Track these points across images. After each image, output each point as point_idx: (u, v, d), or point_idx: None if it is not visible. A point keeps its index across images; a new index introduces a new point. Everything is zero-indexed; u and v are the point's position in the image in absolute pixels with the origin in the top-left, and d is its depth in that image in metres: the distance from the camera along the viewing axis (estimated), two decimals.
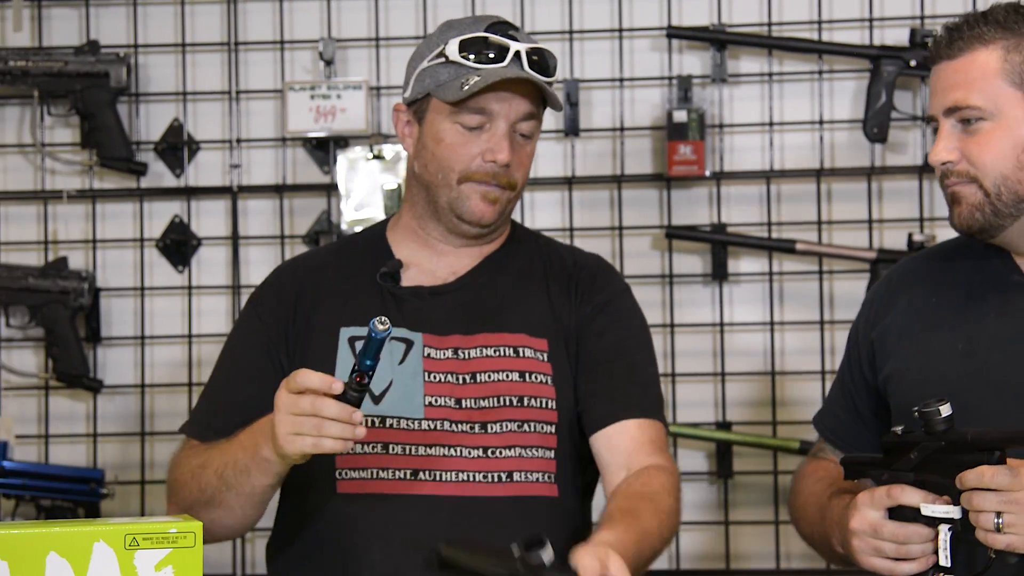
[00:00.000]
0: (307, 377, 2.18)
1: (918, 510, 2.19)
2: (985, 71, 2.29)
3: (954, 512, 2.16)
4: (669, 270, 3.66)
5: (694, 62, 3.68)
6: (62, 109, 3.73)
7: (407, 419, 2.45)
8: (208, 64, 3.77)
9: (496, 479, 2.42)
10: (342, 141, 3.69)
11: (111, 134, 3.68)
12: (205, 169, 3.76)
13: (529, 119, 2.51)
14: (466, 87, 2.44)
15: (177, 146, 3.75)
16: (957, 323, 2.37)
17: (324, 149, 3.71)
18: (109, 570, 1.91)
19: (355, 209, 3.62)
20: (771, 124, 3.65)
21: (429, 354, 2.48)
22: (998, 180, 2.29)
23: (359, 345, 2.46)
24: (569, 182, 3.68)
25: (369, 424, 2.41)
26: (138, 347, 3.73)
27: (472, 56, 2.48)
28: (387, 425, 2.44)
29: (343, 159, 3.65)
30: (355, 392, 2.18)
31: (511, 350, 2.51)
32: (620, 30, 3.68)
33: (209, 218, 3.75)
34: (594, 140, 3.70)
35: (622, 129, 3.68)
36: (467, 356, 2.49)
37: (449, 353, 2.49)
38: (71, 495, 3.59)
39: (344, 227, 3.62)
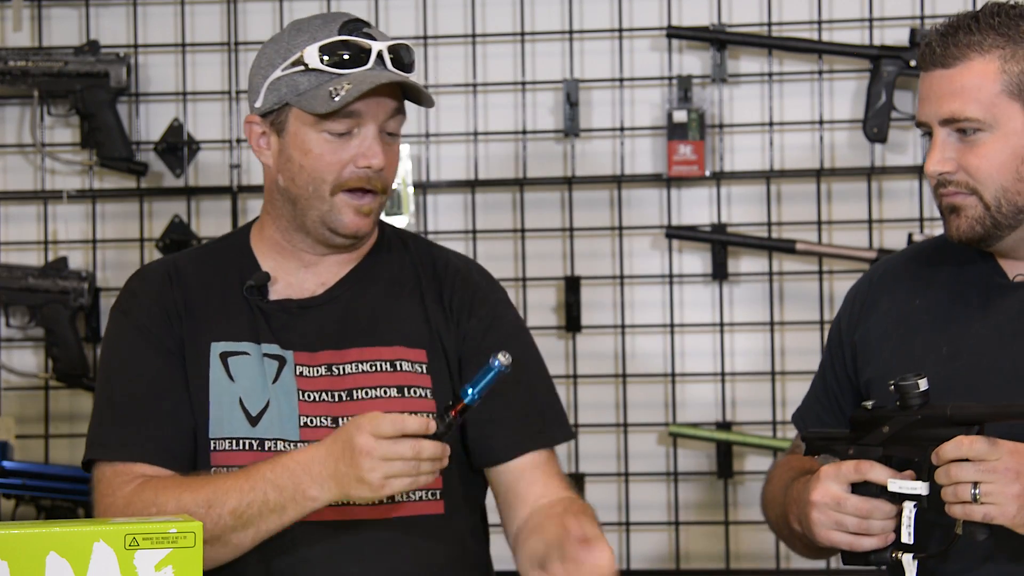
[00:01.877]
0: (405, 422, 2.15)
1: (883, 486, 2.19)
2: (983, 82, 2.26)
3: (921, 488, 2.16)
4: (669, 270, 3.66)
5: (694, 62, 3.68)
6: (62, 109, 3.73)
7: (284, 441, 2.35)
8: (208, 64, 3.77)
9: (378, 501, 2.30)
10: None
11: (111, 134, 3.68)
12: (205, 169, 3.77)
13: (396, 116, 2.40)
14: (337, 96, 2.33)
15: (177, 146, 3.75)
16: (940, 325, 2.37)
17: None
18: (109, 570, 1.91)
19: None
20: (771, 124, 3.65)
21: (301, 372, 2.39)
22: (998, 192, 2.27)
23: (232, 361, 2.40)
24: (569, 182, 3.68)
25: (247, 447, 2.36)
26: None
27: (334, 62, 2.35)
28: (265, 448, 2.35)
29: None
30: (447, 427, 2.19)
31: (387, 364, 2.41)
32: (620, 30, 3.68)
33: (209, 218, 3.75)
34: (594, 140, 3.70)
35: (622, 129, 3.68)
36: (341, 372, 2.40)
37: (323, 370, 2.40)
38: (71, 495, 3.58)
39: None
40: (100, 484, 2.37)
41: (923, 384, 2.18)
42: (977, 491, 2.08)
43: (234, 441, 2.36)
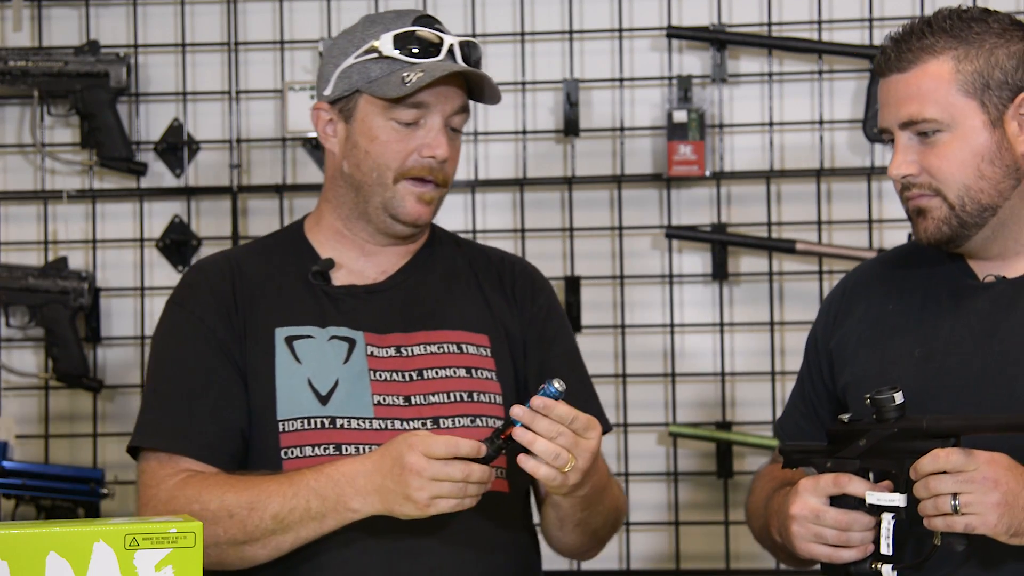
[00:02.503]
0: (459, 445, 2.20)
1: (861, 498, 2.20)
2: (938, 82, 2.29)
3: (899, 500, 2.17)
4: (669, 270, 3.66)
5: (694, 62, 3.68)
6: (62, 109, 3.74)
7: (357, 419, 2.41)
8: (208, 64, 3.77)
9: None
10: None
11: (111, 134, 3.68)
12: (205, 169, 3.77)
13: (462, 112, 2.49)
14: (409, 82, 2.40)
15: (177, 146, 3.75)
16: (912, 328, 2.38)
17: (324, 149, 3.71)
18: (109, 570, 1.91)
19: None
20: (771, 124, 3.65)
21: (372, 352, 2.46)
22: (961, 191, 2.29)
23: (298, 344, 2.45)
24: (569, 182, 3.68)
25: (319, 425, 2.40)
26: (138, 347, 3.73)
27: (407, 50, 2.44)
28: (337, 426, 2.40)
29: None
30: (497, 450, 2.23)
31: (453, 346, 2.49)
32: (620, 30, 3.69)
33: (209, 218, 3.76)
34: (594, 140, 3.70)
35: (622, 129, 3.68)
36: (410, 353, 2.47)
37: (392, 351, 2.46)
38: (71, 495, 3.59)
39: None
40: (144, 474, 2.43)
41: (899, 397, 2.20)
42: (957, 502, 2.09)
43: (305, 420, 2.41)
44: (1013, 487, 2.09)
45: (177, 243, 3.74)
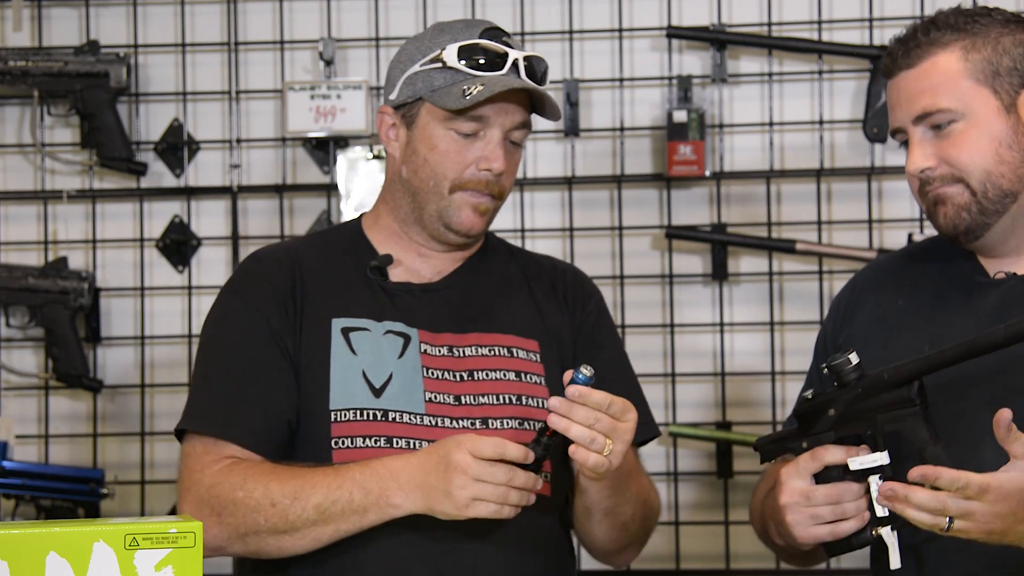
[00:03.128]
0: (506, 447, 2.21)
1: (844, 468, 2.21)
2: (948, 73, 2.30)
3: (882, 459, 2.18)
4: (669, 270, 3.66)
5: (694, 62, 3.68)
6: (62, 109, 3.74)
7: (409, 413, 2.42)
8: (208, 64, 3.77)
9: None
10: (342, 141, 3.69)
11: (111, 134, 3.68)
12: (205, 169, 3.77)
13: (522, 127, 2.51)
14: (469, 95, 2.42)
15: (177, 146, 3.75)
16: (922, 324, 2.38)
17: (324, 149, 3.72)
18: (109, 570, 1.91)
19: (355, 209, 3.62)
20: (771, 124, 3.65)
21: (426, 350, 2.48)
22: (983, 177, 2.30)
23: (354, 336, 2.46)
24: (569, 182, 3.68)
25: (371, 417, 2.41)
26: (138, 347, 3.74)
27: (471, 63, 2.45)
28: (390, 419, 2.42)
29: (343, 159, 3.65)
30: (544, 449, 2.24)
31: (504, 349, 2.51)
32: (620, 30, 3.69)
33: (209, 218, 3.75)
34: (594, 140, 3.70)
35: (622, 129, 3.68)
36: (462, 354, 2.49)
37: (444, 350, 2.48)
38: (71, 495, 3.59)
39: None
40: (189, 458, 2.44)
41: (854, 358, 2.21)
42: (951, 524, 2.08)
43: (358, 412, 2.43)
44: (1005, 527, 2.08)
45: (177, 243, 3.74)
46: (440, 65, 2.46)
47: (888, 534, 2.19)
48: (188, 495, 2.39)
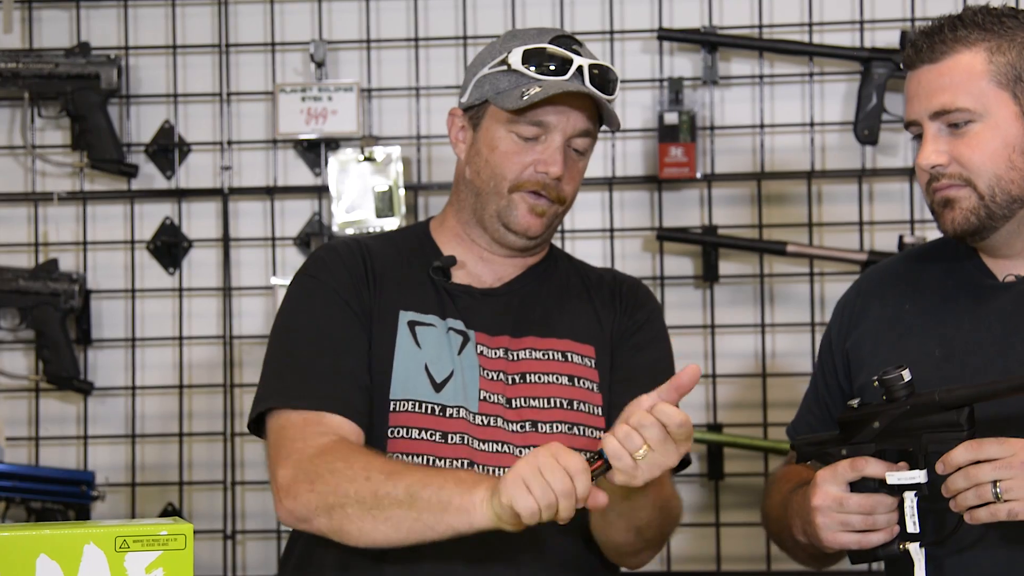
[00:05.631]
0: (582, 471, 2.16)
1: (880, 480, 2.22)
2: (971, 73, 2.29)
3: (920, 477, 2.19)
4: (660, 272, 3.67)
5: (685, 64, 3.68)
6: (53, 111, 3.73)
7: (465, 409, 2.45)
8: (199, 66, 3.76)
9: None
10: (333, 143, 3.69)
11: (102, 136, 3.68)
12: (196, 171, 3.76)
13: (585, 135, 2.52)
14: (526, 96, 2.44)
15: (168, 148, 3.75)
16: (931, 328, 2.38)
17: (315, 151, 3.72)
18: (99, 572, 1.91)
19: (346, 211, 3.62)
20: (762, 126, 3.65)
21: (482, 351, 2.50)
22: (992, 181, 2.29)
23: (420, 330, 2.49)
24: None
25: (430, 411, 2.44)
26: (129, 349, 3.73)
27: (534, 67, 2.48)
28: (447, 415, 2.44)
29: (334, 161, 3.65)
30: (592, 478, 2.20)
31: (559, 354, 2.53)
32: (611, 32, 3.69)
33: (200, 220, 3.75)
34: None
35: (613, 131, 3.67)
36: (516, 357, 2.51)
37: (500, 353, 2.50)
38: (61, 497, 3.58)
39: (335, 229, 3.62)
40: (287, 430, 2.40)
41: (907, 375, 2.21)
42: (998, 489, 2.10)
43: (417, 404, 2.45)
44: None
45: (168, 245, 3.74)
46: (505, 68, 2.50)
47: (916, 550, 2.21)
48: (287, 461, 2.36)
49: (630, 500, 2.37)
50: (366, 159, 3.64)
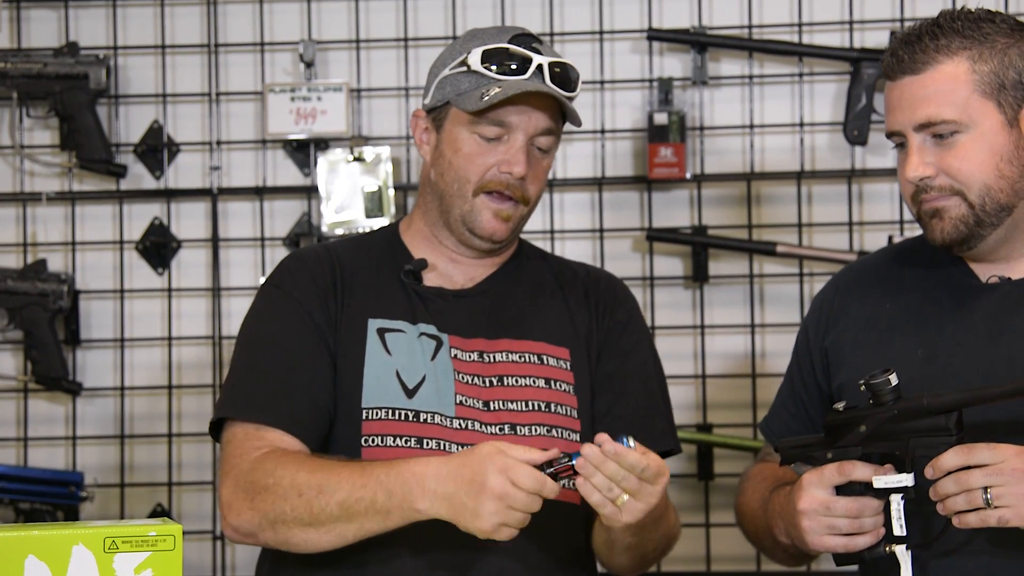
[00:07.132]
0: (545, 484, 2.18)
1: (867, 484, 2.22)
2: (955, 83, 2.28)
3: (907, 480, 2.20)
4: (650, 272, 3.67)
5: (675, 64, 3.68)
6: (41, 111, 3.72)
7: (440, 415, 2.43)
8: (188, 66, 3.76)
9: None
10: (322, 143, 3.69)
11: (90, 136, 3.67)
12: (185, 171, 3.76)
13: (547, 134, 2.51)
14: (486, 97, 2.44)
15: (157, 148, 3.74)
16: (914, 328, 2.38)
17: (304, 151, 3.71)
18: (88, 573, 1.91)
19: (335, 212, 3.62)
20: (752, 126, 3.65)
21: (456, 355, 2.49)
22: (982, 191, 2.29)
23: (389, 337, 2.48)
24: (550, 185, 3.67)
25: (403, 417, 2.43)
26: (117, 350, 3.72)
27: (494, 67, 2.47)
28: (421, 420, 2.43)
29: (323, 161, 3.64)
30: (563, 484, 2.21)
31: (534, 356, 2.52)
32: (600, 32, 3.69)
33: (189, 220, 3.75)
34: (575, 142, 3.70)
35: (603, 131, 3.68)
36: (492, 360, 2.50)
37: (475, 356, 2.50)
38: (50, 498, 3.58)
39: (324, 229, 3.62)
40: (230, 444, 2.42)
41: (894, 379, 2.21)
42: (988, 495, 2.10)
43: (390, 411, 2.44)
44: None
45: (157, 245, 3.73)
46: (466, 69, 2.49)
47: (902, 553, 2.21)
48: (227, 479, 2.39)
49: (639, 536, 2.40)
50: (355, 159, 3.64)
